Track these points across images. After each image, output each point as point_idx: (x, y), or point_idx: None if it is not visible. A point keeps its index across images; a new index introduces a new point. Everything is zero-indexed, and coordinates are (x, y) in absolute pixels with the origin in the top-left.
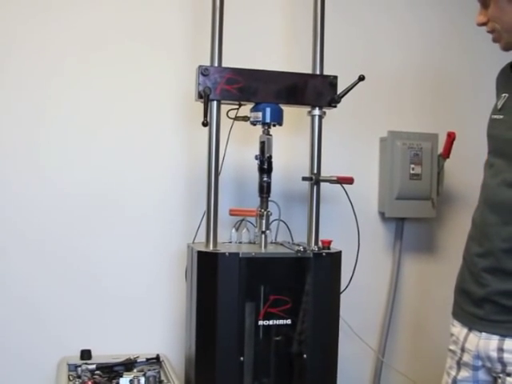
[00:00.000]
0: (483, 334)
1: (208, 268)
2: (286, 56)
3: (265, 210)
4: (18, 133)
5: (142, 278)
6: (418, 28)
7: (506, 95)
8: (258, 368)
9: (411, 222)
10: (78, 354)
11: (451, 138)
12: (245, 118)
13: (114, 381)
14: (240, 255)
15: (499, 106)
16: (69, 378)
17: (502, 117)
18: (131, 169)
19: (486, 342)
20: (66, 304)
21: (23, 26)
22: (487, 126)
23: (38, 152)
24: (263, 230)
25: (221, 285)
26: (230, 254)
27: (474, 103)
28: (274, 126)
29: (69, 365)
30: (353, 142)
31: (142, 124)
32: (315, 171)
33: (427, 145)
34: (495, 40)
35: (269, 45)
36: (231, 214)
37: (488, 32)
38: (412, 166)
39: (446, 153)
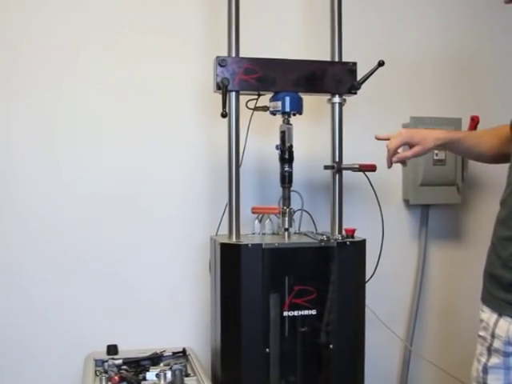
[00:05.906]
0: None
1: (231, 260)
2: (304, 44)
3: (287, 207)
4: (32, 130)
5: (167, 273)
6: (436, 9)
7: None
8: (285, 359)
9: (436, 209)
10: (105, 350)
11: (475, 121)
12: (264, 108)
13: (141, 375)
14: (263, 246)
15: None
16: (95, 373)
17: None
18: (150, 164)
19: None
20: (91, 300)
21: (35, 19)
22: None
23: (53, 150)
24: (286, 227)
25: (244, 276)
26: (252, 245)
27: (497, 85)
28: (294, 115)
29: (95, 360)
30: (375, 128)
31: (161, 117)
32: (337, 159)
33: (451, 130)
34: None
35: (286, 33)
36: (253, 212)
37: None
38: (435, 151)
39: None
